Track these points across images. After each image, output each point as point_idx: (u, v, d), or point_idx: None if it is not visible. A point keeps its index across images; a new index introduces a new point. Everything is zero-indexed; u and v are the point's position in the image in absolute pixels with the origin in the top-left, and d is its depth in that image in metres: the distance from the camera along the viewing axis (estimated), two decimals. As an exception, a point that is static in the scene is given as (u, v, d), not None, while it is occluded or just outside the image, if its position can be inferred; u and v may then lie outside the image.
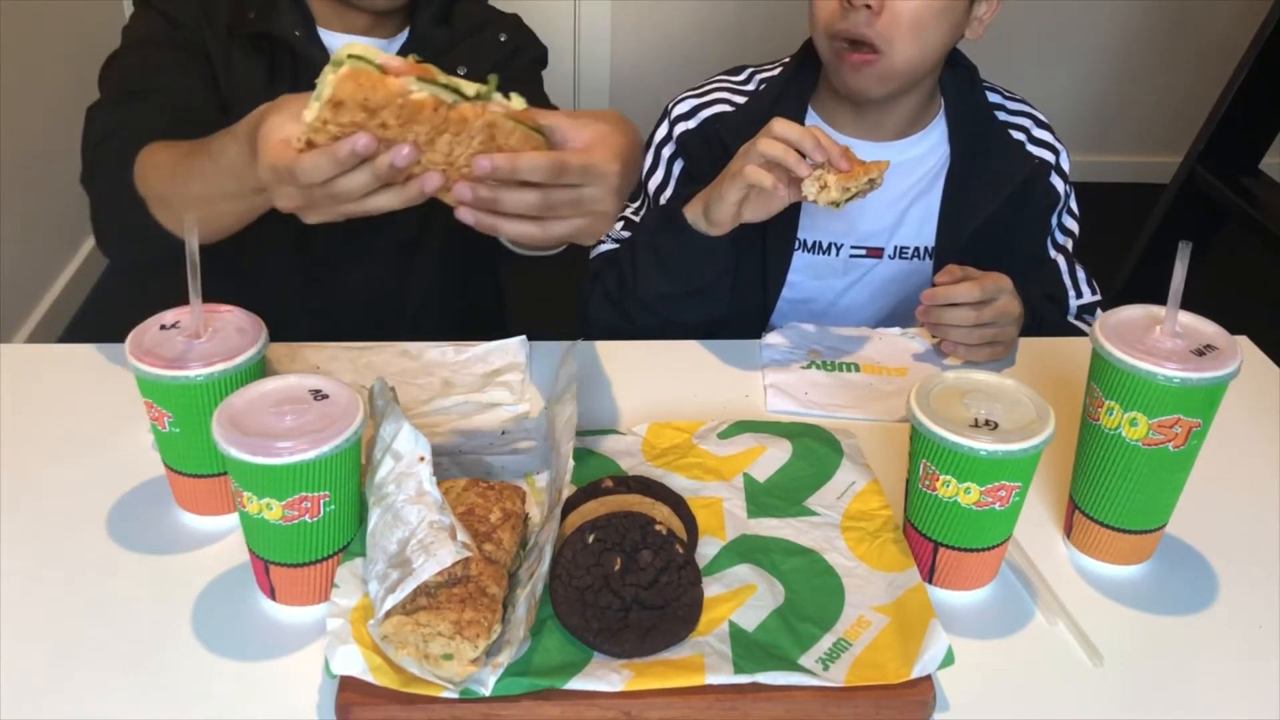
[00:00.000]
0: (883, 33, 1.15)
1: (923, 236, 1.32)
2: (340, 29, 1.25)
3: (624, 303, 1.21)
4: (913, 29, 1.16)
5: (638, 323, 1.21)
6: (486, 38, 1.30)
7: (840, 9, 1.16)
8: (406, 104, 0.74)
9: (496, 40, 1.30)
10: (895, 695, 0.74)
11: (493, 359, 1.12)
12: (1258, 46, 2.51)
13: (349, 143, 0.74)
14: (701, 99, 1.34)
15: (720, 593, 0.81)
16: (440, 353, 1.13)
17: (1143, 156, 3.60)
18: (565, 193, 0.79)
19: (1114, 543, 0.88)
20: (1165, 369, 0.79)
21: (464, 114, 0.76)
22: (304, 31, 1.22)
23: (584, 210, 0.81)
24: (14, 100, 2.52)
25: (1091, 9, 3.40)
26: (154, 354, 0.84)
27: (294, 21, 1.22)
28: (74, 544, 0.88)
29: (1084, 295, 1.34)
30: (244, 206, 0.95)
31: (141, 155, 1.04)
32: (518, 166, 0.77)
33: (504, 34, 1.32)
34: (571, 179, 0.79)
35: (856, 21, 1.15)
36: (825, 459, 0.96)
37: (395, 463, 0.80)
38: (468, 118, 0.76)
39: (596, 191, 0.80)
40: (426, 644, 0.72)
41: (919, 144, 1.31)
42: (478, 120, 0.76)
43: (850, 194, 1.05)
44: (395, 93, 0.74)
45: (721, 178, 1.10)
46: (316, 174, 0.75)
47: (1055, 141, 1.34)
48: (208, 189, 0.94)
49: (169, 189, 1.00)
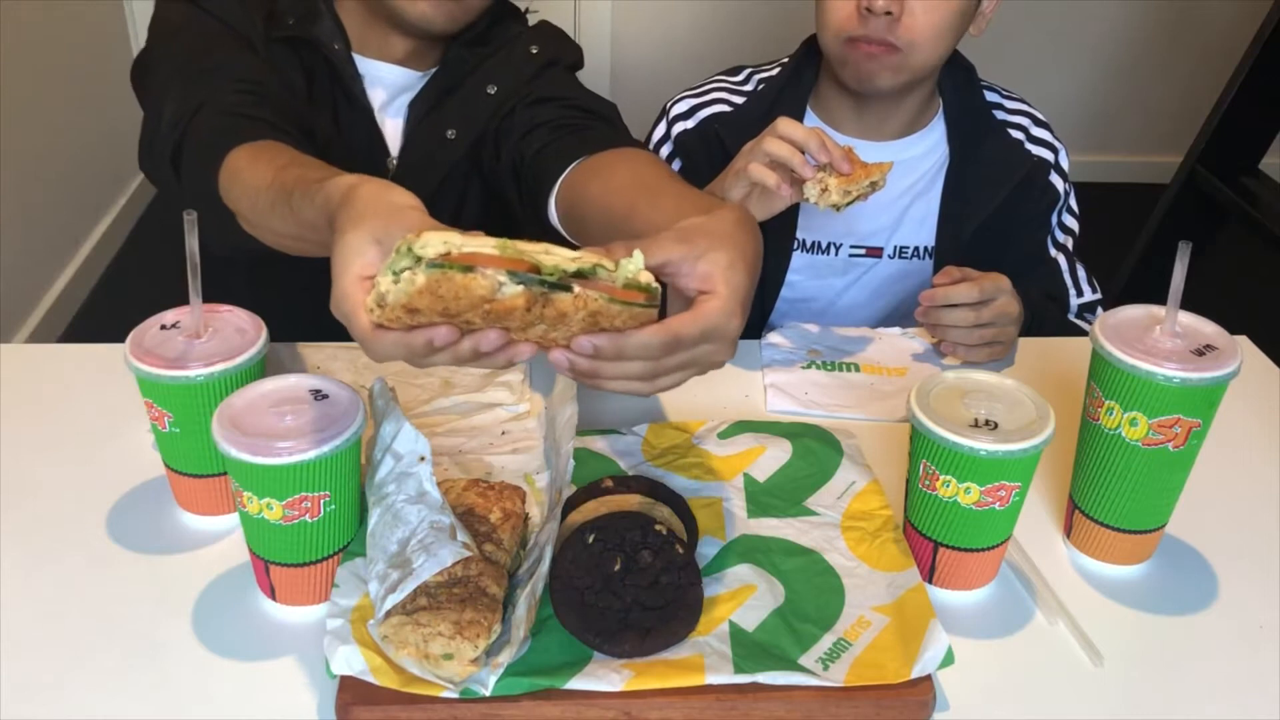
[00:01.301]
0: (904, 36, 1.15)
1: (922, 236, 1.32)
2: (376, 55, 1.22)
3: None
4: (933, 33, 1.16)
5: None
6: (518, 52, 1.24)
7: (858, 16, 1.15)
8: (494, 310, 0.63)
9: (528, 53, 1.24)
10: (895, 695, 0.74)
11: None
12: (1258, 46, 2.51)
13: (426, 335, 0.66)
14: (700, 99, 1.34)
15: (720, 593, 0.81)
16: (440, 353, 1.13)
17: (1143, 156, 3.60)
18: (678, 358, 0.71)
19: (1114, 543, 0.88)
20: (1165, 369, 0.79)
21: (562, 309, 0.64)
22: (342, 48, 1.19)
23: (699, 365, 0.73)
24: (14, 100, 2.52)
25: (1091, 9, 3.40)
26: (154, 354, 0.84)
27: (333, 35, 1.19)
28: (74, 544, 0.88)
29: (1084, 294, 1.34)
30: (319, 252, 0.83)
31: (227, 162, 0.96)
32: (624, 348, 0.68)
33: (535, 46, 1.25)
34: (686, 347, 0.70)
35: (877, 28, 1.15)
36: (825, 459, 0.96)
37: (395, 463, 0.80)
38: (566, 312, 0.65)
39: (714, 348, 0.72)
40: (426, 644, 0.72)
41: (918, 144, 1.31)
42: (578, 313, 0.65)
43: (851, 197, 1.05)
44: (481, 298, 0.63)
45: (724, 175, 1.10)
46: (389, 354, 0.68)
47: (1054, 140, 1.34)
48: (288, 231, 0.88)
49: (249, 213, 0.93)
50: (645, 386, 0.73)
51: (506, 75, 1.23)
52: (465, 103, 1.24)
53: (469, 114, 1.23)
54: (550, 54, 1.25)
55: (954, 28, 1.18)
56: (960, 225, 1.30)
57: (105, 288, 2.92)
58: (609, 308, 0.65)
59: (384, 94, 1.24)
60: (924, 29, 1.15)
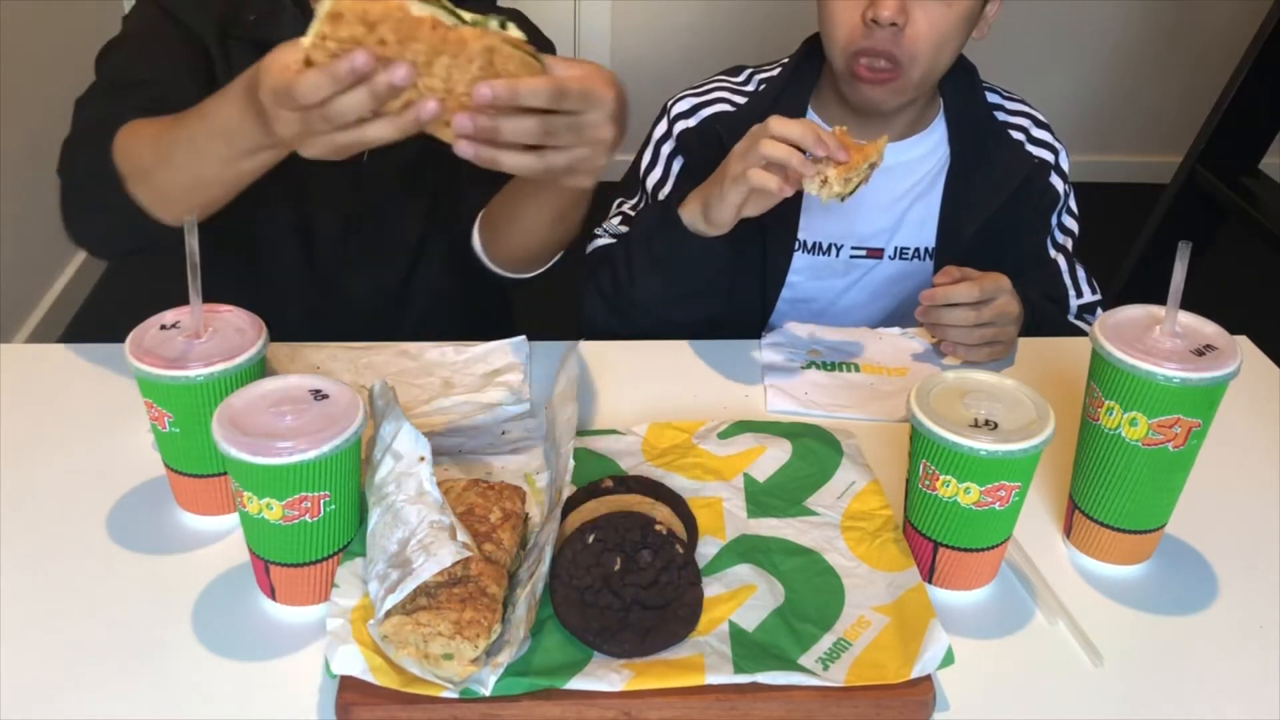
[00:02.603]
0: (907, 48, 1.15)
1: (923, 237, 1.32)
2: None
3: (619, 303, 1.20)
4: (937, 44, 1.16)
5: (635, 323, 1.20)
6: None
7: (864, 27, 1.15)
8: (405, 19, 0.75)
9: None
10: (895, 695, 0.74)
11: (493, 359, 1.12)
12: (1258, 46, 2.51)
13: (347, 60, 0.75)
14: (701, 98, 1.34)
15: (720, 593, 0.81)
16: (440, 353, 1.13)
17: (1143, 156, 3.60)
18: (565, 119, 0.81)
19: (1114, 543, 0.88)
20: (1165, 369, 0.79)
21: (463, 35, 0.76)
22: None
23: (584, 138, 0.83)
24: (14, 100, 2.52)
25: (1091, 9, 3.40)
26: (154, 354, 0.84)
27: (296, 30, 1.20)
28: (74, 544, 0.88)
29: (1084, 295, 1.34)
30: (232, 174, 0.93)
31: (122, 132, 1.01)
32: (518, 91, 0.78)
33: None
34: (571, 104, 0.80)
35: (882, 39, 1.14)
36: (825, 459, 0.96)
37: (395, 463, 0.80)
38: (467, 39, 0.76)
39: (596, 116, 0.82)
40: (426, 644, 0.72)
41: (919, 145, 1.31)
42: (477, 43, 0.76)
43: (853, 185, 1.03)
44: (394, 6, 0.75)
45: (720, 178, 1.09)
46: (315, 92, 0.76)
47: (1054, 141, 1.34)
48: (195, 155, 0.93)
49: (152, 160, 0.97)
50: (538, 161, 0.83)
51: None
52: None
53: None
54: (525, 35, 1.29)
55: (958, 37, 1.18)
56: (961, 226, 1.30)
57: (105, 288, 2.92)
58: (503, 48, 0.77)
59: None
60: (928, 41, 1.15)
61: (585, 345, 1.16)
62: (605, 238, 1.33)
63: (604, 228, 1.33)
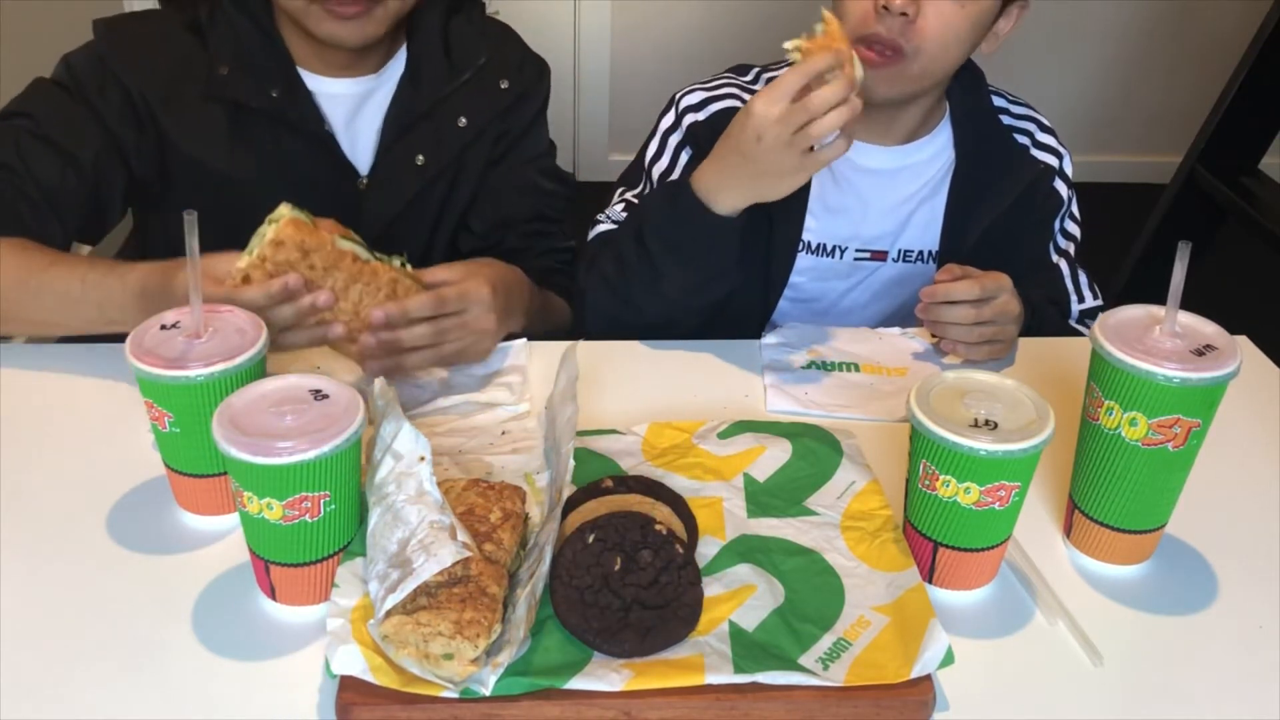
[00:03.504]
0: (914, 39, 1.14)
1: (927, 240, 1.32)
2: (320, 70, 1.26)
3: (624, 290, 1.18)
4: (943, 39, 1.15)
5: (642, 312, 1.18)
6: (487, 84, 1.32)
7: (874, 14, 1.15)
8: (333, 250, 0.96)
9: (497, 88, 1.32)
10: (895, 695, 0.74)
11: (492, 359, 1.12)
12: (1258, 46, 2.51)
13: (281, 280, 0.93)
14: (711, 93, 1.33)
15: (720, 593, 0.81)
16: (440, 353, 1.13)
17: (1143, 156, 3.60)
18: (452, 319, 1.02)
19: (1114, 543, 0.88)
20: (1165, 369, 0.79)
21: (375, 269, 0.99)
22: (283, 85, 1.22)
23: (469, 330, 1.04)
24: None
25: (1091, 9, 3.40)
26: (154, 354, 0.84)
27: (268, 77, 1.22)
28: (74, 544, 0.88)
29: (1086, 299, 1.34)
30: (82, 329, 1.07)
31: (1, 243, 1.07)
32: (407, 309, 0.99)
33: (505, 80, 1.33)
34: (453, 307, 1.02)
35: (890, 27, 1.14)
36: (825, 459, 0.96)
37: (395, 463, 0.80)
38: (378, 271, 0.99)
39: (476, 311, 1.03)
40: (427, 644, 0.72)
41: (925, 148, 1.30)
42: (385, 275, 0.99)
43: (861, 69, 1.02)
44: (325, 238, 0.96)
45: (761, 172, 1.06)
46: (252, 305, 0.91)
47: (1059, 146, 1.34)
48: (62, 308, 1.04)
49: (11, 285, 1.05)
50: (434, 355, 1.03)
51: (477, 109, 1.31)
52: (437, 130, 1.30)
53: (440, 142, 1.30)
54: (520, 89, 1.34)
55: (966, 40, 1.17)
56: (965, 230, 1.30)
57: (105, 288, 2.91)
58: (403, 279, 1.01)
59: (342, 111, 1.28)
60: (936, 35, 1.14)
61: (585, 345, 1.15)
62: (607, 223, 1.32)
63: (606, 214, 1.33)
